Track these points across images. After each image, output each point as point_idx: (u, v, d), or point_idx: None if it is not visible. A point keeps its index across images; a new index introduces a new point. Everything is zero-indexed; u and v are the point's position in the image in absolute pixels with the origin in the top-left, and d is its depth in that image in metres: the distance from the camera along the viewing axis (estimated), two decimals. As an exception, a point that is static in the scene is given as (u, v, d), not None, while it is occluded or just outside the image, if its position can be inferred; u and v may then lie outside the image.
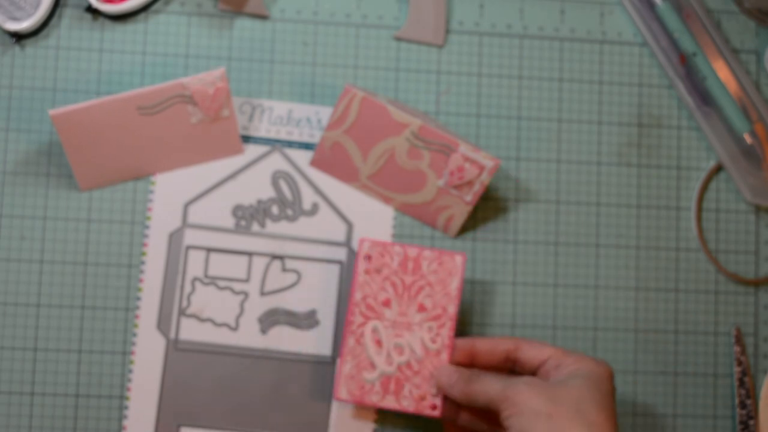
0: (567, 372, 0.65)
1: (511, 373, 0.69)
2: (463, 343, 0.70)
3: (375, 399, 0.70)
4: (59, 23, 0.75)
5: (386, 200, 0.75)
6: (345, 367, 0.70)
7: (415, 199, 0.74)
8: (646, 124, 0.78)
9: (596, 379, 0.64)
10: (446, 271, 0.71)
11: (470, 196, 0.73)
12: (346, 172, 0.74)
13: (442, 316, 0.70)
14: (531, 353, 0.67)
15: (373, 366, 0.70)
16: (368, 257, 0.71)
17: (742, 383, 0.76)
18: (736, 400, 0.76)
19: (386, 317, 0.71)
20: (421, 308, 0.71)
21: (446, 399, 0.70)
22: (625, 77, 0.78)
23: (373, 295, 0.71)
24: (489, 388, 0.65)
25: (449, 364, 0.70)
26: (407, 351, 0.70)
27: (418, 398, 0.70)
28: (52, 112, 0.70)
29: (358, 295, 0.71)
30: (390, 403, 0.70)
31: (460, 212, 0.74)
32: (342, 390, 0.70)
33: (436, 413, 0.70)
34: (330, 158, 0.74)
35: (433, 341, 0.70)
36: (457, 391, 0.67)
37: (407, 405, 0.70)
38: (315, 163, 0.74)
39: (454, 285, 0.71)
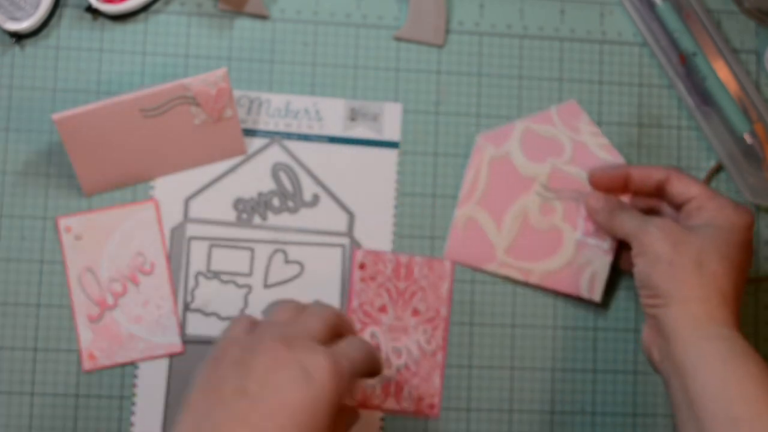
0: (704, 218, 0.66)
1: (660, 202, 0.70)
2: (618, 168, 0.71)
3: (377, 402, 0.72)
4: (59, 23, 0.75)
5: (526, 275, 0.74)
6: None
7: (554, 264, 0.73)
8: (646, 124, 0.78)
9: (729, 228, 0.65)
10: (437, 276, 0.73)
11: (607, 243, 0.73)
12: (482, 252, 0.73)
13: (435, 318, 0.72)
14: (679, 189, 0.68)
15: None
16: (362, 266, 0.72)
17: (741, 383, 0.76)
18: (736, 400, 0.76)
19: (383, 322, 0.72)
20: (415, 313, 0.72)
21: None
22: (625, 77, 0.78)
23: (369, 302, 0.72)
24: (626, 224, 0.67)
25: (598, 191, 0.71)
26: (405, 354, 0.72)
27: (417, 399, 0.71)
28: (55, 116, 0.70)
29: (355, 303, 0.72)
30: (391, 405, 0.71)
31: (602, 267, 0.73)
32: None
33: (434, 412, 0.71)
34: (464, 240, 0.73)
35: (428, 343, 0.72)
36: (601, 219, 0.70)
37: (407, 406, 0.71)
38: (450, 254, 0.73)
39: (445, 288, 0.72)
